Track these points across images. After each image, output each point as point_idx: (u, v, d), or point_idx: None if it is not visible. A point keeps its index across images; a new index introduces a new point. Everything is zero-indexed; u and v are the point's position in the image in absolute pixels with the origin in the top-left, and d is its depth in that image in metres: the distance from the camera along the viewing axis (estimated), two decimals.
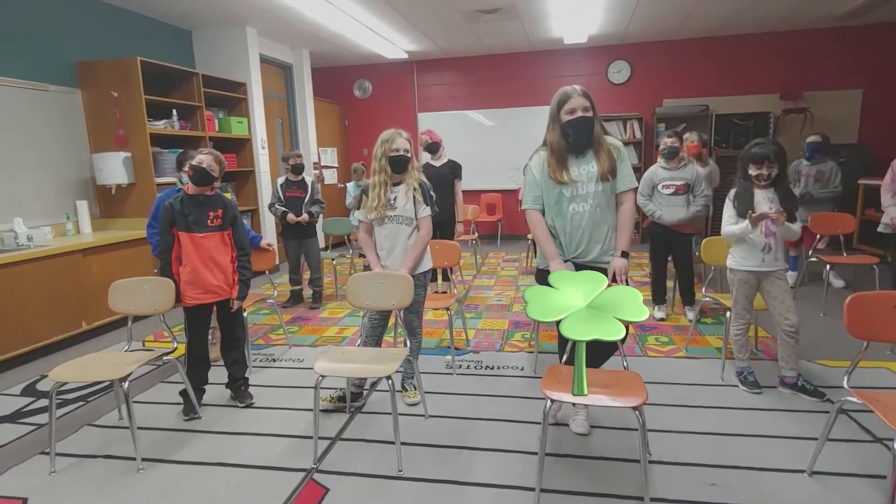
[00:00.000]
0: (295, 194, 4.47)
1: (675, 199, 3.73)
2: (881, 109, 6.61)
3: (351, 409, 2.66)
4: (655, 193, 3.79)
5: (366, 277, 2.53)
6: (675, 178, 3.73)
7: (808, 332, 3.47)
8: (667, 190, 3.73)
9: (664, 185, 3.74)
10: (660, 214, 3.74)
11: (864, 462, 2.07)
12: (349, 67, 7.99)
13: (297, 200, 4.47)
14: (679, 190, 3.72)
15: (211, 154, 2.54)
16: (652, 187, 3.80)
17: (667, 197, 3.74)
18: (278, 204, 4.44)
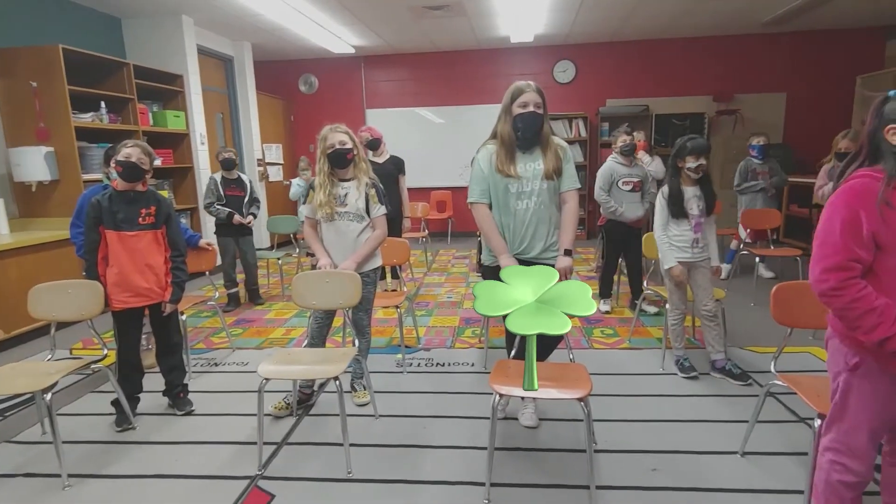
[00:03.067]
0: (234, 193, 4.31)
1: (633, 195, 3.80)
2: (802, 112, 7.09)
3: (299, 412, 2.58)
4: (615, 190, 3.80)
5: (312, 276, 2.46)
6: (632, 174, 3.79)
7: (740, 321, 3.69)
8: (626, 186, 3.77)
9: (623, 181, 3.78)
10: (622, 211, 3.77)
11: (790, 441, 2.21)
12: (294, 61, 7.78)
13: (237, 199, 4.31)
14: (636, 187, 3.79)
15: (138, 146, 2.39)
16: (611, 184, 3.81)
17: (626, 193, 3.78)
18: (219, 203, 4.25)
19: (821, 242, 1.37)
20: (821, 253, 1.36)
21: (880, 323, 1.28)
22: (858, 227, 1.30)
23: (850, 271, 1.32)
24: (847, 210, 1.32)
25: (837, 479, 1.47)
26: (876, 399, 1.39)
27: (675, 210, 2.76)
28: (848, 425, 1.44)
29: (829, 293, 1.34)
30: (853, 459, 1.44)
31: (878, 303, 1.29)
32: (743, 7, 5.75)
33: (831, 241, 1.34)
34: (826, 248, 1.35)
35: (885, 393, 1.38)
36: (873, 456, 1.44)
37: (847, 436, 1.45)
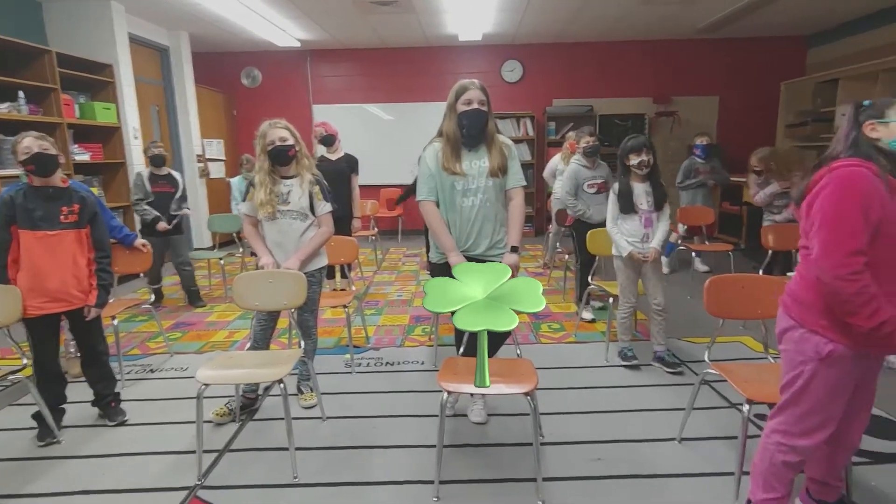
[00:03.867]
0: (163, 189, 4.10)
1: (598, 197, 3.72)
2: (734, 115, 7.50)
3: (242, 417, 2.49)
4: (580, 193, 3.74)
5: (254, 277, 2.38)
6: (596, 176, 3.74)
7: (678, 314, 3.86)
8: (591, 189, 3.72)
9: (588, 184, 3.72)
10: (590, 214, 3.70)
11: (723, 426, 2.33)
12: (236, 54, 7.49)
13: (166, 196, 4.10)
14: (601, 188, 3.74)
15: (30, 135, 2.18)
16: (576, 186, 3.74)
17: (591, 196, 3.72)
18: (146, 203, 4.03)
19: (834, 227, 1.36)
20: (837, 238, 1.35)
21: (878, 308, 1.33)
22: (869, 213, 1.34)
23: (865, 256, 1.34)
24: (861, 196, 1.34)
25: (782, 459, 1.55)
26: (839, 385, 1.46)
27: (624, 205, 2.85)
28: (804, 410, 1.50)
29: (849, 277, 1.33)
30: (801, 440, 1.51)
31: (874, 289, 1.34)
32: (679, 14, 6.01)
33: (849, 226, 1.34)
34: (843, 232, 1.35)
35: (847, 379, 1.46)
36: (822, 439, 1.51)
37: (802, 419, 1.51)
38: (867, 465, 2.02)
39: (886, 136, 1.39)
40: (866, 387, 1.54)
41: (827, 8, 5.86)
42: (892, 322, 1.33)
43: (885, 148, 1.39)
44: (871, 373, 1.53)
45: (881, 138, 1.40)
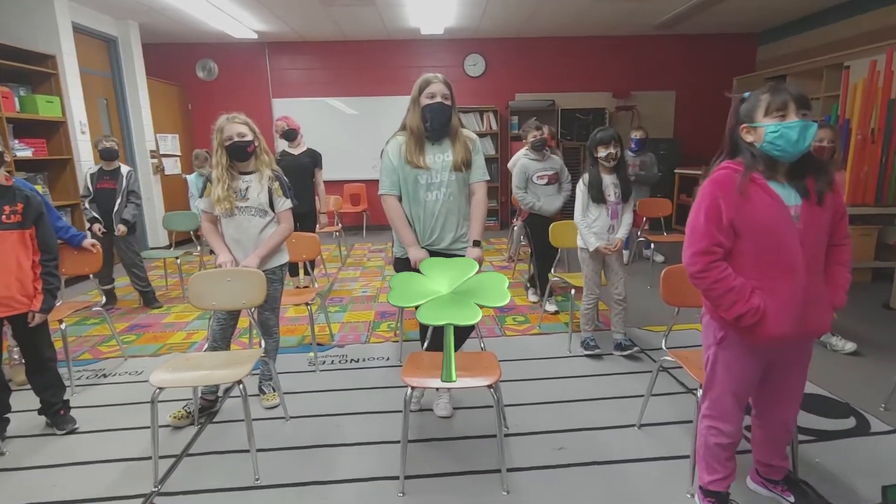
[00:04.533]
0: (106, 185, 3.89)
1: (548, 188, 3.81)
2: (690, 109, 7.73)
3: (201, 420, 2.42)
4: (531, 185, 3.81)
5: (211, 275, 2.30)
6: (545, 168, 3.81)
7: (638, 303, 3.96)
8: (541, 181, 3.79)
9: (538, 175, 3.79)
10: (540, 205, 3.77)
11: (679, 410, 2.41)
12: (190, 45, 7.23)
13: (108, 193, 3.87)
14: (551, 179, 3.82)
15: None
16: (526, 179, 3.81)
17: (542, 187, 3.80)
18: (89, 202, 3.86)
19: (690, 229, 1.51)
20: (689, 239, 1.51)
21: (737, 301, 1.44)
22: (719, 214, 1.44)
23: (713, 255, 1.47)
24: (710, 199, 1.46)
25: (714, 442, 1.63)
26: (737, 367, 1.56)
27: (595, 195, 2.91)
28: (717, 392, 1.61)
29: (696, 275, 1.49)
30: (724, 423, 1.61)
31: (735, 283, 1.45)
32: (635, 10, 6.14)
33: (697, 228, 1.48)
34: (694, 234, 1.49)
35: (744, 362, 1.55)
36: (740, 418, 1.61)
37: (717, 402, 1.61)
38: (812, 443, 2.13)
39: (757, 140, 1.42)
40: (790, 373, 1.61)
41: (775, 7, 6.10)
42: (752, 314, 1.42)
43: (759, 152, 1.43)
44: (792, 358, 1.59)
45: (753, 142, 1.43)
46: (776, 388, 1.63)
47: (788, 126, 1.36)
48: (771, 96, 1.40)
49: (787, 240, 1.42)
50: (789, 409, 1.67)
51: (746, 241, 1.45)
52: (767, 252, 1.44)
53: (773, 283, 1.44)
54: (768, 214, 1.41)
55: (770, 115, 1.39)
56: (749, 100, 1.46)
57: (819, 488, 1.85)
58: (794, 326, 1.45)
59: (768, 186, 1.43)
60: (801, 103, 1.38)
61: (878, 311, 3.67)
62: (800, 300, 1.43)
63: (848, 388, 2.58)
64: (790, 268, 1.42)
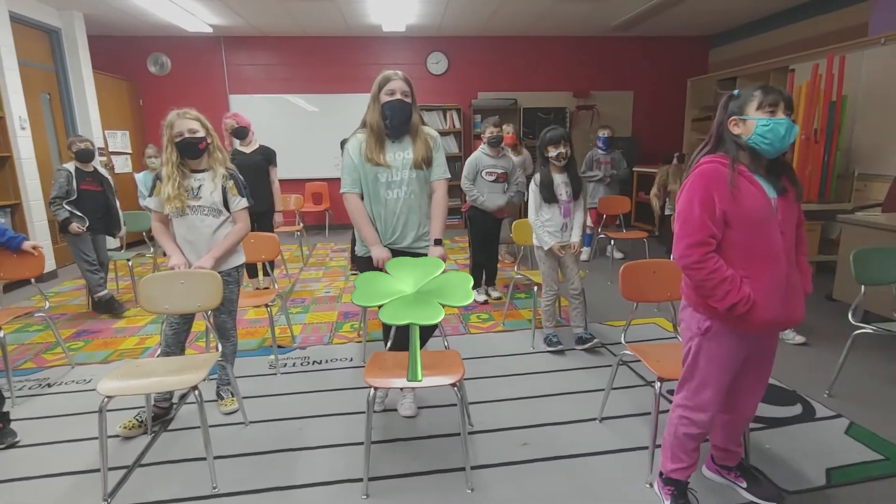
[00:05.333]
0: (90, 187, 3.79)
1: (495, 185, 3.90)
2: (647, 109, 7.94)
3: (155, 428, 2.32)
4: (478, 179, 3.89)
5: (163, 278, 2.21)
6: (496, 165, 3.89)
7: (599, 299, 4.04)
8: (489, 177, 3.87)
9: (487, 171, 3.87)
10: (482, 200, 3.85)
11: (638, 403, 2.47)
12: (141, 38, 6.94)
13: (96, 195, 3.81)
14: (500, 178, 3.90)
15: None
16: (476, 173, 3.88)
17: (489, 183, 3.88)
18: (68, 201, 3.66)
19: (683, 221, 1.53)
20: (684, 231, 1.52)
21: (730, 290, 1.48)
22: (713, 206, 1.48)
23: (708, 246, 1.50)
24: (704, 191, 1.49)
25: (684, 432, 1.67)
26: (721, 358, 1.59)
27: (546, 195, 2.94)
28: (697, 383, 1.63)
29: (692, 266, 1.51)
30: (698, 413, 1.64)
31: (728, 273, 1.49)
32: (594, 11, 6.26)
33: (692, 220, 1.50)
34: (688, 226, 1.51)
35: (728, 352, 1.59)
36: (716, 410, 1.65)
37: (696, 393, 1.64)
38: (762, 430, 2.22)
39: (745, 133, 1.48)
40: (760, 362, 1.68)
41: (726, 12, 6.33)
42: (745, 303, 1.47)
43: (745, 144, 1.49)
44: (764, 348, 1.66)
45: (741, 134, 1.50)
46: (748, 377, 1.68)
47: (779, 122, 1.44)
48: (763, 93, 1.47)
49: (771, 229, 1.49)
50: (754, 399, 1.73)
51: (736, 231, 1.50)
52: (754, 242, 1.49)
53: (758, 271, 1.49)
54: (756, 204, 1.48)
55: (762, 110, 1.46)
56: (741, 95, 1.52)
57: (769, 473, 1.93)
58: (780, 312, 1.51)
59: (754, 178, 1.50)
60: (788, 105, 1.47)
61: (822, 303, 3.86)
62: (782, 287, 1.50)
63: (795, 376, 2.71)
64: (773, 257, 1.49)
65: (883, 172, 4.38)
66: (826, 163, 4.37)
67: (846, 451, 2.06)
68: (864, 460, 2.01)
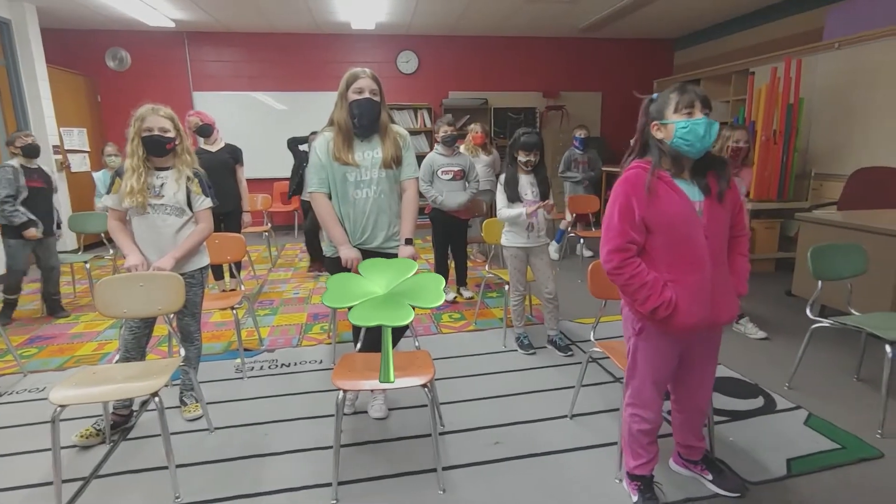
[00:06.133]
0: (36, 184, 3.62)
1: (453, 184, 3.87)
2: (615, 109, 8.08)
3: (114, 437, 2.23)
4: (435, 179, 3.86)
5: (121, 280, 2.12)
6: (452, 164, 3.87)
7: (569, 297, 4.08)
8: (446, 175, 3.85)
9: (443, 170, 3.85)
10: (441, 200, 3.82)
11: (608, 399, 2.50)
12: (99, 32, 6.69)
13: (41, 193, 3.65)
14: (457, 175, 3.88)
15: None
16: (432, 173, 3.86)
17: (446, 182, 3.85)
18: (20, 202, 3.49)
19: (605, 227, 1.57)
20: (605, 237, 1.56)
21: (650, 295, 1.50)
22: (631, 212, 1.51)
23: (627, 252, 1.53)
24: (623, 198, 1.52)
25: (637, 428, 1.70)
26: (655, 357, 1.63)
27: (511, 194, 2.93)
28: (638, 381, 1.67)
29: (613, 272, 1.54)
30: (645, 410, 1.68)
31: (649, 278, 1.51)
32: (562, 13, 6.33)
33: (612, 226, 1.53)
34: (609, 232, 1.54)
35: (661, 351, 1.63)
36: (660, 405, 1.69)
37: (638, 391, 1.68)
38: (726, 423, 2.27)
39: (667, 137, 1.50)
40: (702, 359, 1.70)
41: (689, 16, 6.49)
42: (665, 307, 1.50)
43: (668, 149, 1.51)
44: (706, 346, 1.69)
45: (664, 139, 1.51)
46: (690, 375, 1.72)
47: (696, 122, 1.45)
48: (679, 95, 1.48)
49: (694, 233, 1.50)
50: (703, 393, 1.77)
51: (657, 236, 1.52)
52: (676, 246, 1.51)
53: (682, 275, 1.51)
54: (675, 210, 1.49)
55: (679, 112, 1.47)
56: (658, 99, 1.54)
57: (733, 465, 1.98)
58: (705, 315, 1.53)
59: (674, 183, 1.51)
60: (704, 103, 1.48)
61: (782, 298, 3.99)
62: (708, 290, 1.52)
63: (757, 370, 2.79)
64: (697, 260, 1.51)
65: (838, 172, 4.57)
66: (784, 163, 4.52)
67: (805, 442, 2.13)
68: (822, 450, 2.07)
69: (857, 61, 4.43)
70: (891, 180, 3.88)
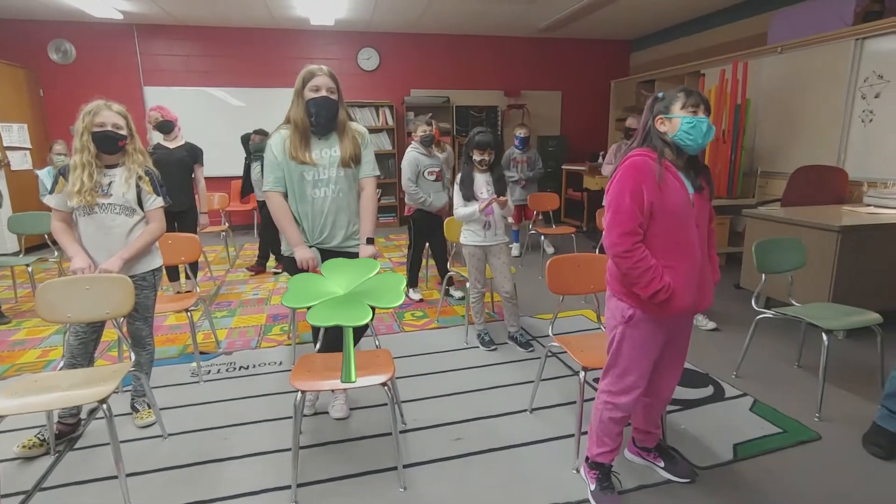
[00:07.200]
0: None
1: (437, 184, 3.84)
2: (575, 108, 8.23)
3: (59, 448, 2.13)
4: (421, 180, 3.78)
5: (65, 283, 2.03)
6: (434, 164, 3.82)
7: (530, 293, 4.15)
8: (430, 176, 3.79)
9: (429, 171, 3.78)
10: (430, 201, 3.77)
11: (566, 393, 2.56)
12: (40, 23, 6.34)
13: None
14: (438, 176, 3.85)
15: None
16: (418, 174, 3.77)
17: (431, 183, 3.80)
18: None
19: (614, 211, 1.60)
20: (615, 220, 1.59)
21: (653, 279, 1.57)
22: (641, 197, 1.56)
23: (637, 235, 1.58)
24: (633, 183, 1.57)
25: (609, 416, 1.75)
26: (644, 344, 1.68)
27: (466, 193, 2.95)
28: (622, 369, 1.71)
29: (622, 255, 1.58)
30: (621, 398, 1.72)
31: (652, 262, 1.58)
32: (522, 13, 6.40)
33: (623, 209, 1.57)
34: (619, 215, 1.58)
35: (650, 338, 1.68)
36: (639, 394, 1.73)
37: (620, 378, 1.72)
38: (678, 412, 2.36)
39: (671, 130, 1.60)
40: (676, 346, 1.78)
41: (643, 18, 6.67)
42: (666, 290, 1.57)
43: (670, 141, 1.61)
44: (680, 334, 1.77)
45: (667, 132, 1.61)
46: (666, 361, 1.78)
47: (700, 120, 1.56)
48: (686, 95, 1.59)
49: (688, 222, 1.59)
50: (674, 379, 1.84)
51: (659, 223, 1.59)
52: (674, 232, 1.59)
53: (677, 261, 1.59)
54: (678, 198, 1.58)
55: (685, 109, 1.57)
56: (665, 97, 1.63)
57: (684, 452, 2.06)
58: (694, 299, 1.63)
59: (678, 174, 1.60)
60: (707, 107, 1.60)
61: (731, 291, 4.17)
62: (697, 276, 1.62)
63: (707, 360, 2.91)
64: (690, 247, 1.60)
65: (781, 170, 4.80)
66: (733, 161, 4.72)
67: (750, 427, 2.24)
68: (765, 434, 2.19)
69: (797, 65, 4.66)
70: (827, 178, 4.11)
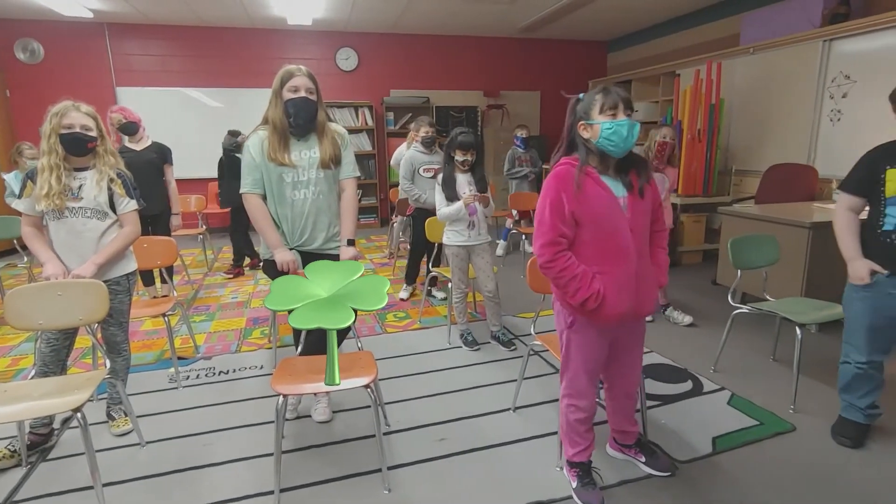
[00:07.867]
0: None
1: (433, 181, 3.71)
2: (553, 108, 8.30)
3: (31, 459, 2.07)
4: (417, 178, 3.79)
5: (35, 289, 1.97)
6: (432, 161, 3.82)
7: (513, 292, 4.17)
8: (427, 174, 3.78)
9: (425, 168, 3.78)
10: (426, 198, 3.75)
11: (549, 391, 2.57)
12: (7, 21, 6.15)
13: None
14: (436, 173, 3.85)
15: None
16: (413, 171, 3.79)
17: (427, 180, 3.78)
18: None
19: (537, 222, 1.62)
20: (538, 231, 1.61)
21: (580, 287, 1.57)
22: (561, 207, 1.56)
23: (558, 246, 1.58)
24: (553, 193, 1.57)
25: (573, 417, 1.77)
26: (587, 348, 1.70)
27: (449, 193, 2.96)
28: (572, 372, 1.74)
29: (545, 265, 1.60)
30: (580, 399, 1.74)
31: (578, 270, 1.57)
32: (502, 13, 6.43)
33: (543, 221, 1.59)
34: (541, 227, 1.60)
35: (593, 342, 1.70)
36: (594, 393, 1.76)
37: (573, 381, 1.75)
38: (658, 407, 2.40)
39: (593, 137, 1.57)
40: (628, 349, 1.80)
41: (620, 19, 6.76)
42: (594, 299, 1.57)
43: (594, 147, 1.58)
44: (631, 335, 1.78)
45: (590, 138, 1.58)
46: (619, 363, 1.81)
47: (620, 124, 1.52)
48: (604, 97, 1.55)
49: (620, 227, 1.58)
50: (632, 379, 1.86)
51: (586, 229, 1.59)
52: (604, 239, 1.58)
53: (610, 267, 1.59)
54: (602, 204, 1.56)
55: (604, 114, 1.54)
56: (584, 100, 1.60)
57: (664, 446, 2.10)
58: (631, 305, 1.61)
59: (601, 179, 1.58)
60: (627, 105, 1.55)
61: (708, 287, 4.25)
62: (633, 281, 1.60)
63: (686, 355, 2.96)
64: (623, 252, 1.58)
65: (755, 168, 4.91)
66: (708, 160, 4.81)
67: (728, 420, 2.29)
68: (742, 426, 2.23)
69: (769, 65, 4.77)
70: (798, 176, 4.21)
